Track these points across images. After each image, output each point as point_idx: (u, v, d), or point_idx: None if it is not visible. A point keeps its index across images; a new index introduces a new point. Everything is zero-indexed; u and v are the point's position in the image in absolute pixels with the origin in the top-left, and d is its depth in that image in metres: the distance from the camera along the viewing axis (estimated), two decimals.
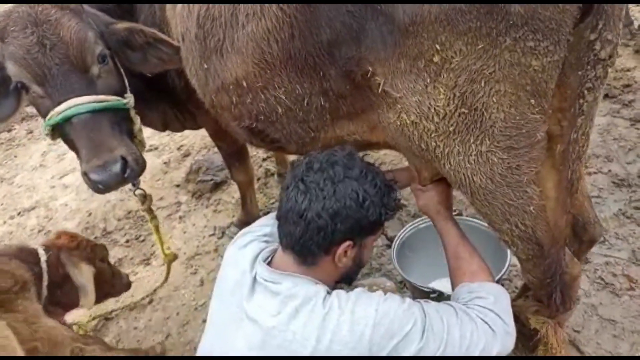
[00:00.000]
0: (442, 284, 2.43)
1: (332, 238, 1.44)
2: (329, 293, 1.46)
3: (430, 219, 1.86)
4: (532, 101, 1.39)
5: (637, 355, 2.28)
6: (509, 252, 2.20)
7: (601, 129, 3.42)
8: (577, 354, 2.31)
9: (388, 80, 1.56)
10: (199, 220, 3.62)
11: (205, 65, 1.85)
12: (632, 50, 4.13)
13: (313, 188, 1.43)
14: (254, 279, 1.55)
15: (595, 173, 3.12)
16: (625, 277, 2.60)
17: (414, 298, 2.50)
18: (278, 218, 1.52)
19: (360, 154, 1.71)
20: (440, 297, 2.13)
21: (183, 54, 1.94)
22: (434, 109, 1.49)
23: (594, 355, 2.31)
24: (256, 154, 4.04)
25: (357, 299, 1.42)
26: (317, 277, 1.51)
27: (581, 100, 1.38)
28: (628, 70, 3.96)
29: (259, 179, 3.81)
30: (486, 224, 2.32)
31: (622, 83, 3.79)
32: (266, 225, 1.82)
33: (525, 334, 2.11)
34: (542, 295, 1.85)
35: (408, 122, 1.59)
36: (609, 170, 3.13)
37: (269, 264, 1.58)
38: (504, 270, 2.15)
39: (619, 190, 3.00)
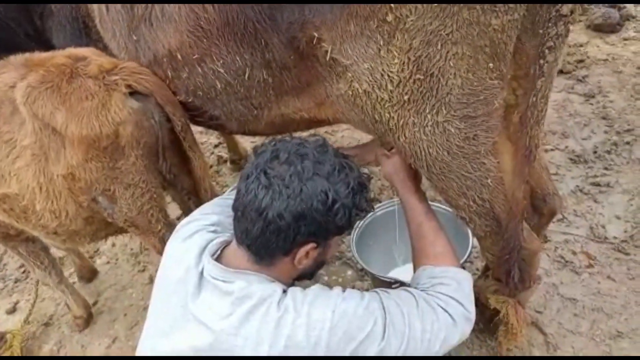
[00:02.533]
0: (405, 271, 2.32)
1: (293, 240, 1.29)
2: (285, 292, 1.31)
3: (395, 189, 1.72)
4: (491, 65, 1.28)
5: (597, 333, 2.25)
6: (470, 234, 2.12)
7: (557, 105, 3.40)
8: (540, 336, 2.25)
9: (336, 46, 1.42)
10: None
11: (134, 37, 1.67)
12: (584, 26, 4.14)
13: (277, 184, 1.26)
14: (201, 276, 1.36)
15: (552, 150, 3.09)
16: (584, 254, 2.57)
17: (374, 287, 2.44)
18: (234, 209, 1.35)
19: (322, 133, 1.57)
20: (402, 286, 2.02)
21: (108, 25, 1.74)
22: (388, 75, 1.37)
23: (554, 334, 2.27)
24: (207, 140, 3.85)
25: (314, 300, 1.28)
26: (273, 275, 1.35)
27: (541, 61, 1.28)
28: (581, 45, 3.96)
29: (211, 167, 3.61)
30: (445, 206, 2.30)
31: (576, 59, 3.80)
32: (213, 213, 1.62)
33: (485, 314, 2.04)
34: (501, 274, 1.77)
35: (360, 91, 1.46)
36: (566, 147, 3.11)
37: (218, 258, 1.40)
38: (467, 253, 2.07)
39: (575, 166, 2.98)
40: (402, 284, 2.02)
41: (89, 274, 2.99)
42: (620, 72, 3.59)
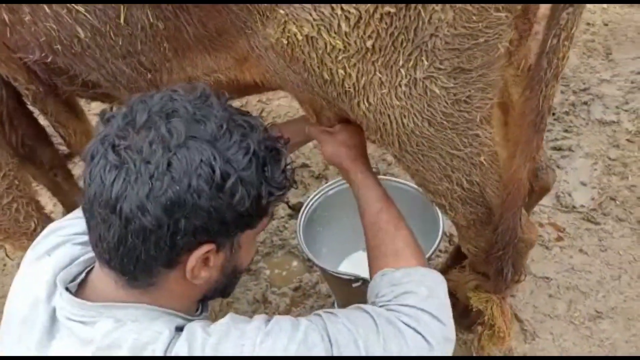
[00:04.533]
0: (361, 259, 1.94)
1: (172, 245, 0.82)
2: (178, 332, 0.86)
3: (341, 172, 1.30)
4: None
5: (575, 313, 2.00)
6: (440, 216, 1.74)
7: None
8: (516, 323, 1.97)
9: None
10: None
11: None
12: None
13: (131, 160, 0.79)
14: (53, 314, 0.91)
15: None
16: (552, 226, 2.31)
17: (330, 287, 2.04)
18: (83, 209, 0.87)
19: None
20: (364, 284, 1.62)
21: None
22: (342, 9, 0.89)
23: (530, 319, 2.01)
24: None
25: (220, 341, 0.85)
26: (160, 303, 0.89)
27: None
28: None
29: None
30: (405, 180, 1.91)
31: None
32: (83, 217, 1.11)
33: (457, 308, 1.70)
34: (490, 271, 1.41)
35: (299, 38, 0.97)
36: None
37: (80, 286, 0.94)
38: (435, 243, 1.69)
39: None
40: (364, 281, 1.63)
41: None
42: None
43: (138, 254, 0.82)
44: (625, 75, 2.85)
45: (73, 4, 1.02)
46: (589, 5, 3.46)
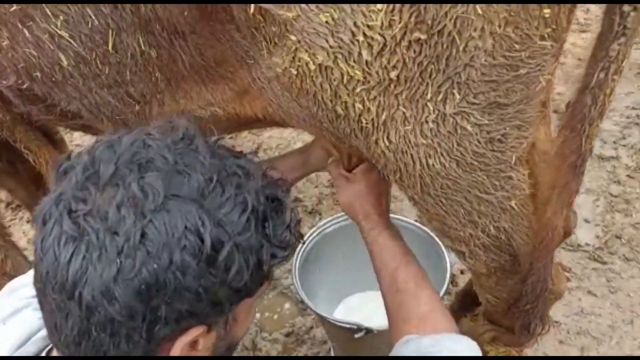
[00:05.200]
0: (367, 300, 1.82)
1: (150, 336, 0.65)
2: None
3: (357, 224, 1.16)
4: (547, 12, 0.74)
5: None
6: (446, 257, 1.62)
7: None
8: None
9: None
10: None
11: None
12: None
13: (94, 230, 0.62)
14: None
15: None
16: (557, 265, 2.18)
17: (327, 333, 1.89)
18: (35, 289, 0.69)
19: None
20: (368, 335, 1.48)
21: None
22: (364, 34, 0.78)
23: None
24: None
25: None
26: None
27: (625, 10, 0.76)
28: None
29: None
30: (408, 218, 1.79)
31: None
32: None
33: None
34: (515, 326, 1.28)
35: (312, 67, 0.86)
36: None
37: None
38: (443, 290, 1.56)
39: None
40: (368, 331, 1.49)
41: None
42: (562, 64, 3.33)
43: (106, 350, 0.65)
44: (621, 110, 2.82)
45: (57, 29, 0.88)
46: (581, 42, 3.47)
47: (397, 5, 0.74)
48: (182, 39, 0.98)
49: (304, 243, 1.78)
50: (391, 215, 1.90)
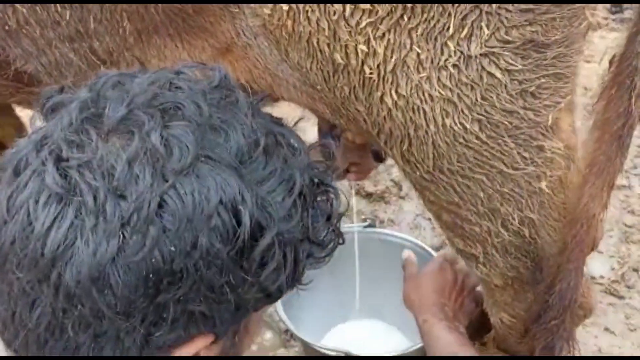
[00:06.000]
0: (361, 329, 1.65)
1: (145, 342, 0.46)
2: None
3: (414, 314, 1.10)
4: None
5: None
6: None
7: None
8: None
9: None
10: None
11: None
12: None
13: (90, 189, 0.43)
14: None
15: None
16: None
17: None
18: None
19: None
20: None
21: None
22: None
23: None
24: None
25: None
26: None
27: None
28: None
29: None
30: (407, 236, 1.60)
31: None
32: None
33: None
34: (536, 344, 1.07)
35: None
36: None
37: None
38: None
39: None
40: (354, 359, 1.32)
41: None
42: None
43: (80, 354, 0.47)
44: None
45: None
46: (585, 71, 3.40)
47: None
48: None
49: None
50: (384, 230, 1.75)
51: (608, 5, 3.56)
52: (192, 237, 0.44)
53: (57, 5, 0.85)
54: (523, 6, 0.64)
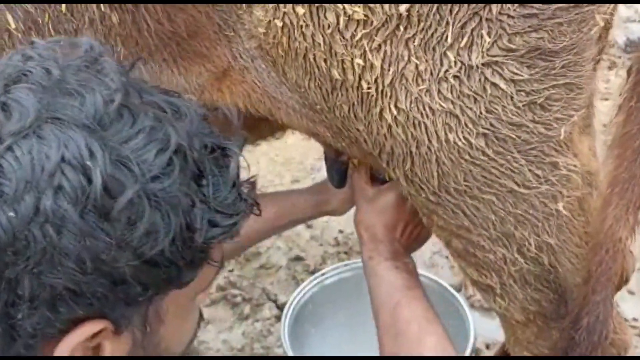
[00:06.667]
0: None
1: (13, 327, 0.44)
2: None
3: (361, 245, 0.96)
4: None
5: None
6: (469, 318, 1.35)
7: None
8: None
9: None
10: None
11: None
12: None
13: None
14: None
15: None
16: None
17: None
18: None
19: None
20: None
21: None
22: None
23: None
24: None
25: None
26: None
27: None
28: None
29: None
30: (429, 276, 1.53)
31: None
32: None
33: None
34: None
35: (300, 12, 0.69)
36: None
37: None
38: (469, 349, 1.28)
39: None
40: None
41: None
42: None
43: None
44: None
45: None
46: (603, 108, 3.35)
47: None
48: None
49: (294, 299, 1.54)
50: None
51: (622, 45, 3.54)
52: (33, 199, 0.42)
53: (50, 27, 0.85)
54: (526, 11, 0.61)
